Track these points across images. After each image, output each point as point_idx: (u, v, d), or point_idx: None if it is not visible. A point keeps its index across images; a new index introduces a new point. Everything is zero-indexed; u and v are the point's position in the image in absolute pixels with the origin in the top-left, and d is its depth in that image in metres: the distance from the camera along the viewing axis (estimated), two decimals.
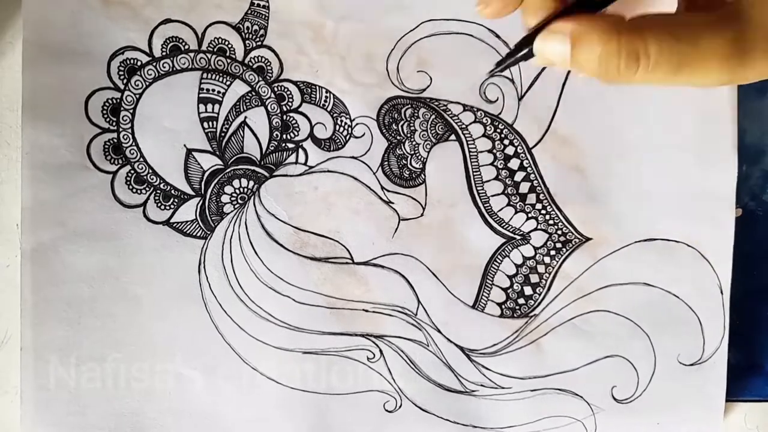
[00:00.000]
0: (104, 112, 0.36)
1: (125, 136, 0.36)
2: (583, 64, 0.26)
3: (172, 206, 0.37)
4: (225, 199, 0.37)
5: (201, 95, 0.36)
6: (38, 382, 0.36)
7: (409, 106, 0.38)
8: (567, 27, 0.26)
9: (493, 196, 0.39)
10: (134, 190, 0.36)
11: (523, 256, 0.39)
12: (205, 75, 0.36)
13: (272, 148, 0.37)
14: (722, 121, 0.39)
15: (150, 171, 0.36)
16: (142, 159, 0.36)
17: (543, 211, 0.39)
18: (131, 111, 0.36)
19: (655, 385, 0.40)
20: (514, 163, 0.38)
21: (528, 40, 0.28)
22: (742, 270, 0.40)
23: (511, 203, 0.39)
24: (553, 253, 0.39)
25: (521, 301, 0.39)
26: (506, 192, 0.39)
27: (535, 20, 0.27)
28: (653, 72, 0.26)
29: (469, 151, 0.38)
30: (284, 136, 0.37)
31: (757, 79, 0.27)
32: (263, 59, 0.37)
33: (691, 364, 0.40)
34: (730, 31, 0.25)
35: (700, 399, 0.40)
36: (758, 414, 0.42)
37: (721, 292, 0.40)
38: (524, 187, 0.39)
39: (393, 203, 0.38)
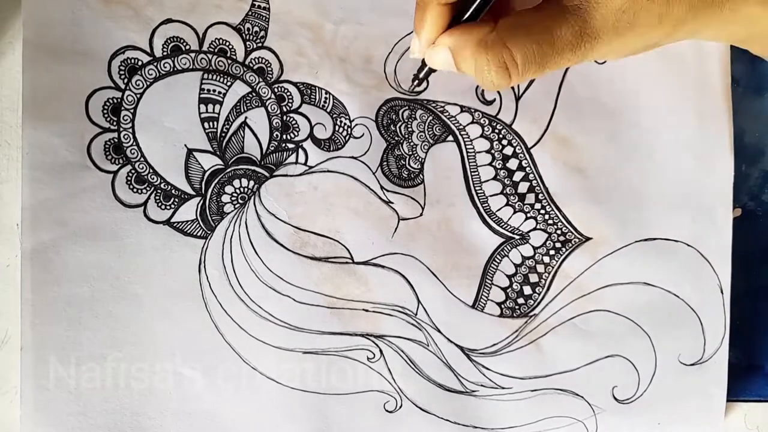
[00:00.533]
0: (105, 111, 0.36)
1: (126, 136, 0.36)
2: (466, 72, 0.31)
3: (172, 206, 0.37)
4: (225, 198, 0.37)
5: (202, 95, 0.37)
6: (38, 382, 0.36)
7: (407, 107, 0.38)
8: (447, 40, 0.31)
9: (491, 195, 0.39)
10: (135, 190, 0.37)
11: (522, 255, 0.39)
12: (205, 75, 0.37)
13: (272, 149, 0.37)
14: (718, 121, 0.39)
15: (151, 171, 0.37)
16: (142, 159, 0.37)
17: (542, 211, 0.39)
18: (132, 111, 0.36)
19: (655, 385, 0.40)
20: (512, 163, 0.39)
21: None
22: (742, 270, 0.40)
23: (510, 203, 0.39)
24: (552, 252, 0.39)
25: (521, 300, 0.39)
26: (505, 192, 0.39)
27: (426, 35, 0.31)
28: (524, 75, 0.29)
29: (467, 152, 0.38)
30: (284, 136, 0.37)
31: (603, 58, 0.32)
32: (263, 60, 0.37)
33: (692, 364, 0.40)
34: (578, 23, 0.29)
35: (700, 399, 0.40)
36: (758, 414, 0.42)
37: (721, 292, 0.40)
38: (523, 187, 0.39)
39: (392, 203, 0.38)
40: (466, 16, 0.31)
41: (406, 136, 0.38)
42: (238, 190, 0.37)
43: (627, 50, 0.31)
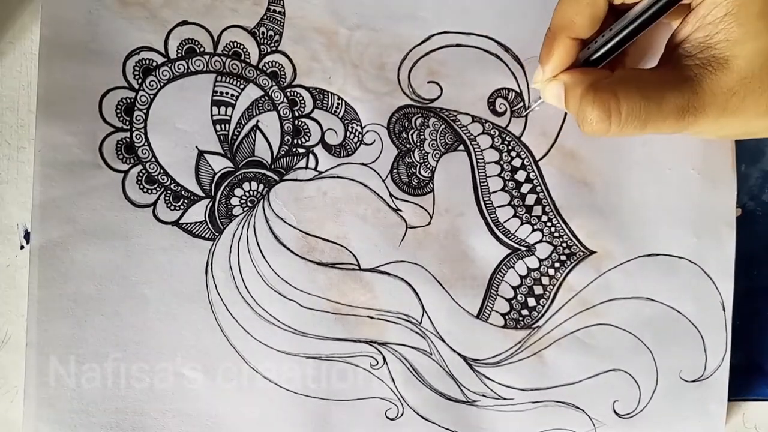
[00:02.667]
0: (118, 111, 0.36)
1: (138, 136, 0.36)
2: (570, 110, 0.32)
3: (181, 207, 0.37)
4: (234, 201, 0.37)
5: (214, 98, 0.37)
6: (42, 380, 0.36)
7: (420, 115, 0.38)
8: (564, 77, 0.32)
9: (499, 206, 0.39)
10: (145, 190, 0.36)
11: (527, 267, 0.39)
12: (219, 78, 0.37)
13: (283, 153, 0.37)
14: (723, 141, 0.40)
15: (161, 171, 0.37)
16: (153, 159, 0.37)
17: (548, 224, 0.39)
18: (145, 111, 0.36)
19: (656, 400, 0.40)
20: (520, 175, 0.39)
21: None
22: (742, 270, 0.40)
23: (517, 214, 0.39)
24: (557, 265, 0.39)
25: (525, 312, 0.39)
26: (512, 203, 0.39)
27: (550, 68, 0.33)
28: (623, 128, 0.30)
29: (477, 162, 0.39)
30: (295, 140, 0.37)
31: (700, 135, 0.33)
32: (277, 64, 0.37)
33: (693, 381, 0.40)
34: (688, 93, 0.30)
35: (700, 416, 0.40)
36: (758, 414, 0.42)
37: (723, 309, 0.40)
38: (530, 199, 0.39)
39: (401, 211, 0.38)
40: (590, 59, 0.32)
41: (418, 143, 0.38)
42: (247, 193, 0.37)
43: (726, 132, 0.32)
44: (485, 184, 0.39)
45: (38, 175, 0.35)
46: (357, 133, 0.38)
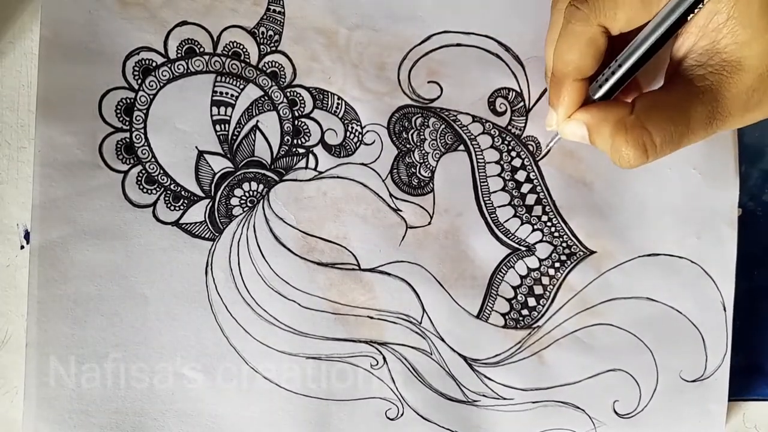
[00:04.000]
0: (118, 111, 0.36)
1: (138, 136, 0.36)
2: (600, 148, 0.32)
3: (181, 207, 0.37)
4: (234, 201, 0.37)
5: (214, 98, 0.37)
6: (41, 380, 0.36)
7: (420, 115, 0.38)
8: (584, 117, 0.32)
9: (499, 206, 0.39)
10: (145, 190, 0.37)
11: (527, 267, 0.39)
12: (219, 78, 0.37)
13: (283, 153, 0.37)
14: (724, 140, 0.40)
15: (161, 171, 0.37)
16: (153, 159, 0.37)
17: (548, 223, 0.39)
18: (144, 111, 0.36)
19: (656, 400, 0.40)
20: (520, 175, 0.39)
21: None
22: (743, 270, 0.40)
23: (518, 214, 0.39)
24: (557, 265, 0.39)
25: (525, 312, 0.39)
26: (513, 203, 0.39)
27: (563, 110, 0.33)
28: (660, 155, 0.31)
29: (477, 162, 0.39)
30: (295, 141, 0.37)
31: (727, 130, 0.34)
32: (277, 64, 0.37)
33: (693, 381, 0.40)
34: (710, 103, 0.30)
35: (700, 416, 0.40)
36: (757, 413, 0.42)
37: (724, 309, 0.40)
38: (530, 199, 0.39)
39: (401, 211, 0.38)
40: (601, 94, 0.32)
41: (418, 143, 0.38)
42: (247, 194, 0.37)
43: (752, 121, 0.32)
44: (485, 184, 0.39)
45: (38, 175, 0.35)
46: (357, 133, 0.38)
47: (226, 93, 0.37)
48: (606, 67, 0.32)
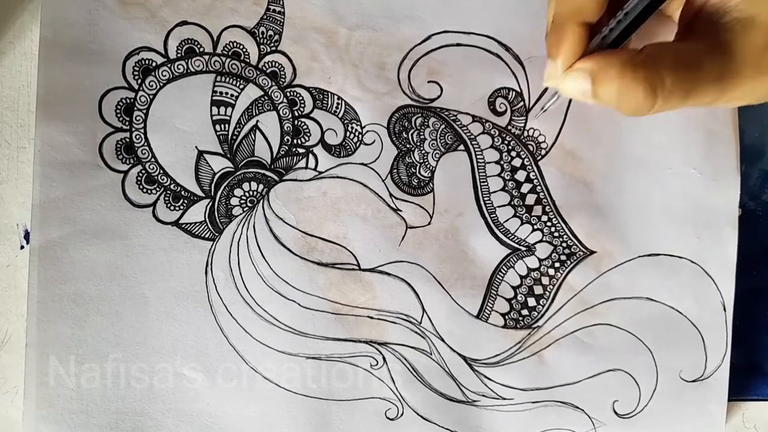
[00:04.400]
0: (118, 111, 0.36)
1: (137, 136, 0.36)
2: (604, 98, 0.30)
3: (181, 207, 0.37)
4: (234, 201, 0.37)
5: (214, 98, 0.37)
6: (42, 380, 0.36)
7: (420, 115, 0.38)
8: (587, 65, 0.30)
9: (499, 206, 0.39)
10: (145, 190, 0.37)
11: (527, 267, 0.39)
12: (218, 78, 0.37)
13: (283, 153, 0.37)
14: (725, 140, 0.40)
15: (161, 171, 0.37)
16: (153, 159, 0.37)
17: (548, 223, 0.39)
18: (144, 111, 0.36)
19: (656, 400, 0.40)
20: (520, 175, 0.39)
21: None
22: (742, 270, 0.40)
23: (518, 214, 0.39)
24: (557, 265, 0.39)
25: (525, 312, 0.39)
26: (512, 203, 0.39)
27: (564, 58, 0.31)
28: (667, 101, 0.29)
29: (477, 162, 0.38)
30: (295, 141, 0.37)
31: (739, 100, 0.31)
32: (277, 64, 0.37)
33: (693, 381, 0.40)
34: (724, 57, 0.29)
35: (700, 416, 0.40)
36: (757, 413, 0.42)
37: (724, 309, 0.40)
38: (530, 199, 0.39)
39: (401, 211, 0.38)
40: (608, 41, 0.30)
41: (418, 143, 0.38)
42: (247, 194, 0.37)
43: (761, 93, 0.31)
44: (485, 183, 0.39)
45: (38, 175, 0.35)
46: (357, 133, 0.38)
47: (226, 93, 0.37)
48: (610, 18, 0.31)
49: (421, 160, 0.38)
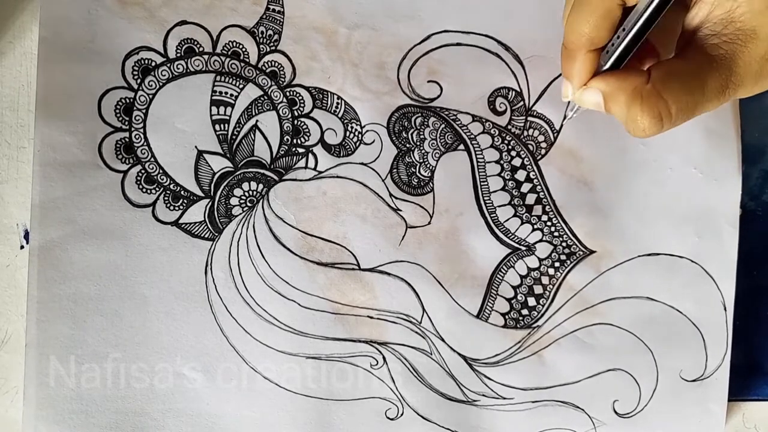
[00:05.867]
0: (117, 111, 0.36)
1: (137, 136, 0.36)
2: (616, 116, 0.32)
3: (181, 207, 0.37)
4: (234, 201, 0.37)
5: (214, 98, 0.37)
6: (41, 380, 0.36)
7: (420, 114, 0.38)
8: (600, 84, 0.32)
9: (499, 206, 0.39)
10: (144, 190, 0.36)
11: (527, 267, 0.39)
12: (218, 78, 0.37)
13: (282, 153, 0.37)
14: (727, 140, 0.40)
15: (160, 171, 0.37)
16: (153, 159, 0.37)
17: (548, 223, 0.39)
18: (144, 111, 0.36)
19: (656, 400, 0.40)
20: (520, 175, 0.39)
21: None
22: (742, 270, 0.40)
23: (518, 214, 0.39)
24: (557, 264, 0.39)
25: (525, 311, 0.39)
26: (513, 203, 0.39)
27: (578, 80, 0.33)
28: (674, 124, 0.31)
29: (477, 161, 0.38)
30: (295, 140, 0.37)
31: (738, 98, 0.34)
32: (276, 64, 0.37)
33: (693, 381, 0.40)
34: (725, 72, 0.30)
35: (700, 416, 0.40)
36: (757, 413, 0.42)
37: (725, 309, 0.40)
38: (530, 199, 0.39)
39: (401, 210, 0.38)
40: (610, 63, 0.32)
41: (418, 143, 0.38)
42: (246, 193, 0.37)
43: (763, 89, 0.32)
44: (485, 183, 0.38)
45: (38, 175, 0.35)
46: (356, 133, 0.38)
47: (226, 92, 0.37)
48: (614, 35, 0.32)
49: (421, 160, 0.38)
